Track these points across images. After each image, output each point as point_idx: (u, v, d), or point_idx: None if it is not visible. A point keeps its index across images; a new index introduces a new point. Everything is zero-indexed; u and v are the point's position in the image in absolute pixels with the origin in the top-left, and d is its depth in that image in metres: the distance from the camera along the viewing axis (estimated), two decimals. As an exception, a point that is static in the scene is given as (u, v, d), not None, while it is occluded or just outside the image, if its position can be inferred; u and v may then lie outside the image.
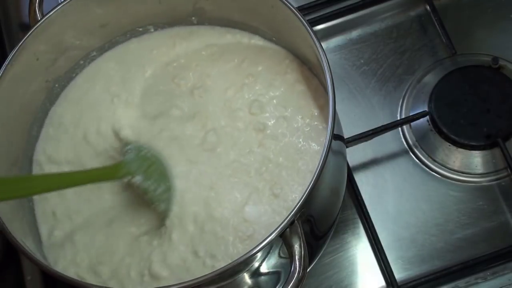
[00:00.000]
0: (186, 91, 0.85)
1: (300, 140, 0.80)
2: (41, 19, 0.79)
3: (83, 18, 0.82)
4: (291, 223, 0.64)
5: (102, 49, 0.89)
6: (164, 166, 0.79)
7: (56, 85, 0.86)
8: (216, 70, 0.86)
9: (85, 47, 0.87)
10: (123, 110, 0.85)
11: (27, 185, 0.69)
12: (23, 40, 0.77)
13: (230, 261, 0.65)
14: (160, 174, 0.79)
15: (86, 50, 0.87)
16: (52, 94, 0.86)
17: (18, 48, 0.76)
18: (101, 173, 0.77)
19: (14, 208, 0.78)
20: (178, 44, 0.89)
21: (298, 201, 0.65)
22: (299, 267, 0.64)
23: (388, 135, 0.96)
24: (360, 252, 0.92)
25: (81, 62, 0.88)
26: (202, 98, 0.84)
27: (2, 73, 0.75)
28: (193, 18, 0.88)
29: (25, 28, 0.84)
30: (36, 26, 0.78)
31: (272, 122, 0.82)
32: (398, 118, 0.98)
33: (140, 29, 0.89)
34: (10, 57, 0.76)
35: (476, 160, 0.94)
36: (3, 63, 0.76)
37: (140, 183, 0.77)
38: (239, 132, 0.81)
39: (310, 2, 1.05)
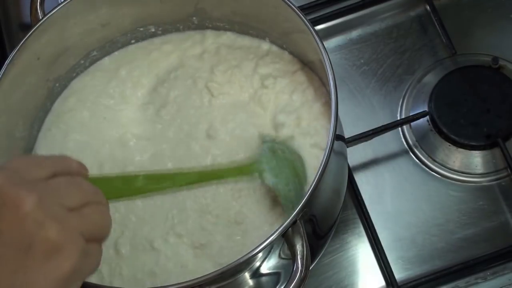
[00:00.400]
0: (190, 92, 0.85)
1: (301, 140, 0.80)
2: (42, 18, 0.78)
3: (84, 18, 0.82)
4: (293, 223, 0.64)
5: (103, 49, 0.88)
6: (299, 165, 0.78)
7: (57, 85, 0.86)
8: (216, 72, 0.86)
9: (86, 47, 0.87)
10: (125, 111, 0.85)
11: (170, 180, 0.71)
12: (24, 39, 0.77)
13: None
14: (292, 172, 0.78)
15: (87, 49, 0.87)
16: (53, 94, 0.86)
17: (19, 48, 0.76)
18: (235, 170, 0.77)
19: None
20: (178, 46, 0.89)
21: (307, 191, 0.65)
22: (302, 266, 0.64)
23: (388, 135, 0.96)
24: (360, 252, 0.92)
25: (82, 61, 0.87)
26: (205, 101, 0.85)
27: (3, 72, 0.75)
28: (194, 18, 0.88)
29: (26, 28, 0.83)
30: (37, 25, 0.78)
31: (273, 121, 0.82)
32: (398, 118, 0.98)
33: (141, 29, 0.89)
34: (11, 56, 0.76)
35: (476, 160, 0.94)
36: (4, 62, 0.75)
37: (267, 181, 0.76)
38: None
39: (310, 2, 1.05)
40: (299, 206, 0.65)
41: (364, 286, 0.90)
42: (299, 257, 0.64)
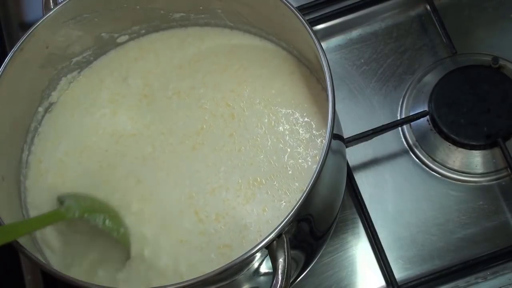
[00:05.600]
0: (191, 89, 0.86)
1: (300, 139, 0.81)
2: (53, 7, 0.79)
3: (95, 10, 0.83)
4: (278, 236, 0.64)
5: (112, 42, 0.89)
6: (108, 205, 0.81)
7: (61, 75, 0.87)
8: (215, 71, 0.86)
9: (96, 39, 0.87)
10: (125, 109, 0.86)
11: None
12: (34, 26, 0.78)
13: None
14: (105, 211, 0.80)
15: (96, 42, 0.88)
16: (59, 83, 0.87)
17: (28, 35, 0.77)
18: (52, 216, 0.77)
19: (14, 208, 0.78)
20: (184, 44, 0.90)
21: (293, 207, 0.65)
22: (282, 281, 0.63)
23: (388, 135, 0.96)
24: (360, 251, 0.92)
25: (90, 52, 0.88)
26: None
27: (10, 58, 0.76)
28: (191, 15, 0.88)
29: (25, 28, 0.84)
30: (48, 14, 0.78)
31: (272, 122, 0.82)
32: (398, 118, 0.98)
33: (150, 25, 0.89)
34: (19, 43, 0.77)
35: (476, 160, 0.94)
36: (3, 62, 0.76)
37: (89, 219, 0.77)
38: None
39: (310, 2, 1.05)
40: (286, 218, 0.64)
41: (364, 286, 0.90)
42: (279, 271, 0.63)
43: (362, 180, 0.95)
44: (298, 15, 0.74)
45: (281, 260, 0.63)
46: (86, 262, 0.79)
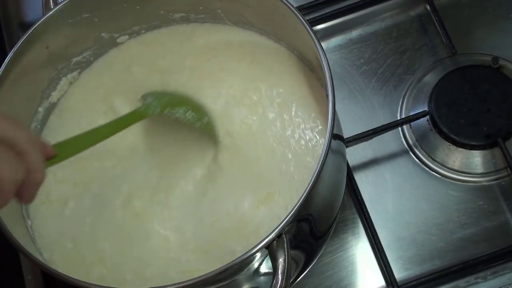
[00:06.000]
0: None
1: (300, 139, 0.81)
2: (53, 7, 0.79)
3: (95, 10, 0.83)
4: (278, 236, 0.64)
5: (113, 41, 0.89)
6: (188, 96, 0.82)
7: (61, 75, 0.87)
8: (215, 69, 0.86)
9: (96, 39, 0.87)
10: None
11: (75, 144, 0.70)
12: (34, 27, 0.78)
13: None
14: (187, 102, 0.81)
15: (96, 42, 0.88)
16: (59, 84, 0.87)
17: (28, 35, 0.77)
18: (131, 116, 0.78)
19: (14, 209, 0.78)
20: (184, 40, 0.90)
21: (293, 207, 0.65)
22: (282, 281, 0.63)
23: (388, 135, 0.96)
24: (360, 251, 0.92)
25: (90, 52, 0.88)
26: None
27: (10, 58, 0.76)
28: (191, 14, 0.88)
29: (25, 28, 0.84)
30: (48, 14, 0.79)
31: (271, 121, 0.82)
32: (398, 118, 0.98)
33: (150, 25, 0.89)
34: (19, 43, 0.77)
35: (476, 159, 0.94)
36: (3, 62, 0.76)
37: (171, 113, 0.79)
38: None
39: (310, 2, 1.05)
40: (286, 218, 0.64)
41: (364, 286, 0.90)
42: (279, 271, 0.63)
43: (362, 180, 0.95)
44: (298, 15, 0.74)
45: (281, 260, 0.63)
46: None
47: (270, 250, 0.64)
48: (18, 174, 0.56)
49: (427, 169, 0.95)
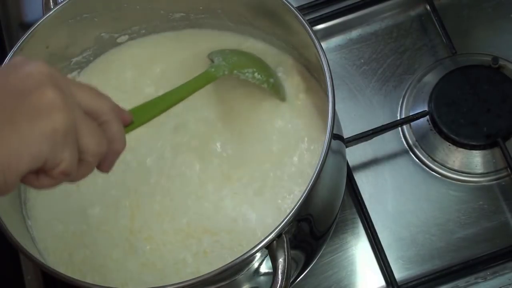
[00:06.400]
0: None
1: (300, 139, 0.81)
2: (53, 7, 0.79)
3: (95, 10, 0.83)
4: (278, 236, 0.64)
5: (113, 41, 0.89)
6: (255, 56, 0.83)
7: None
8: None
9: (96, 39, 0.87)
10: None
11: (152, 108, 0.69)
12: (34, 26, 0.78)
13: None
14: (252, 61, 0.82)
15: (96, 42, 0.88)
16: None
17: (28, 35, 0.77)
18: (202, 78, 0.78)
19: (14, 209, 0.78)
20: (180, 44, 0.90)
21: (293, 207, 0.65)
22: (281, 281, 0.63)
23: (388, 135, 0.96)
24: (360, 251, 0.92)
25: (90, 52, 0.88)
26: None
27: (10, 58, 0.76)
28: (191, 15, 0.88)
29: (25, 28, 0.84)
30: (48, 14, 0.78)
31: (271, 121, 0.82)
32: (398, 118, 0.97)
33: (150, 25, 0.89)
34: (19, 43, 0.77)
35: (476, 160, 0.94)
36: (3, 62, 0.76)
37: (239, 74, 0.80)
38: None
39: (310, 2, 1.05)
40: (286, 218, 0.64)
41: (364, 286, 0.90)
42: (279, 271, 0.63)
43: (362, 180, 0.95)
44: (298, 15, 0.74)
45: (281, 260, 0.63)
46: None
47: (270, 250, 0.64)
48: (103, 147, 0.56)
49: (427, 169, 0.95)
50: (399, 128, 0.97)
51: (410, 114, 0.96)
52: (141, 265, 0.77)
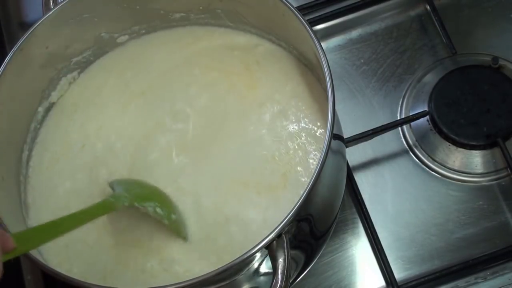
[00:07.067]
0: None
1: (300, 140, 0.81)
2: (53, 7, 0.79)
3: (95, 10, 0.83)
4: (278, 236, 0.64)
5: (113, 41, 0.90)
6: (158, 190, 0.80)
7: (61, 75, 0.87)
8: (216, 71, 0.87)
9: (96, 39, 0.88)
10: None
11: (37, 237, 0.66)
12: (34, 26, 0.78)
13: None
14: (157, 196, 0.79)
15: (96, 42, 0.88)
16: (59, 84, 0.87)
17: (28, 35, 0.77)
18: (100, 207, 0.74)
19: (14, 209, 0.78)
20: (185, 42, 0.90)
21: (293, 207, 0.65)
22: (281, 281, 0.63)
23: (388, 135, 0.96)
24: (360, 251, 0.92)
25: (90, 52, 0.88)
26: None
27: (10, 58, 0.76)
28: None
29: (25, 28, 0.84)
30: (48, 14, 0.79)
31: (272, 121, 0.82)
32: (398, 118, 0.98)
33: (150, 25, 0.89)
34: (19, 43, 0.77)
35: (476, 160, 0.94)
36: (3, 62, 0.76)
37: (141, 207, 0.76)
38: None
39: (310, 2, 1.05)
40: (286, 218, 0.64)
41: (364, 286, 0.90)
42: (279, 271, 0.63)
43: (362, 180, 0.95)
44: (298, 15, 0.74)
45: (281, 260, 0.64)
46: None
47: (270, 250, 0.64)
48: None
49: (427, 169, 0.95)
50: (399, 128, 0.97)
51: (410, 114, 0.96)
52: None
